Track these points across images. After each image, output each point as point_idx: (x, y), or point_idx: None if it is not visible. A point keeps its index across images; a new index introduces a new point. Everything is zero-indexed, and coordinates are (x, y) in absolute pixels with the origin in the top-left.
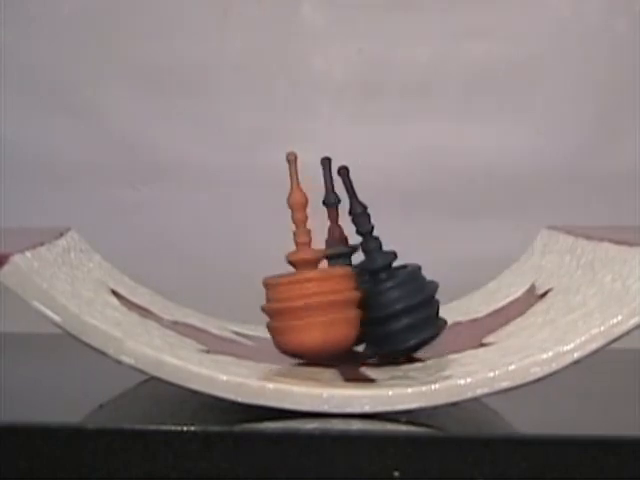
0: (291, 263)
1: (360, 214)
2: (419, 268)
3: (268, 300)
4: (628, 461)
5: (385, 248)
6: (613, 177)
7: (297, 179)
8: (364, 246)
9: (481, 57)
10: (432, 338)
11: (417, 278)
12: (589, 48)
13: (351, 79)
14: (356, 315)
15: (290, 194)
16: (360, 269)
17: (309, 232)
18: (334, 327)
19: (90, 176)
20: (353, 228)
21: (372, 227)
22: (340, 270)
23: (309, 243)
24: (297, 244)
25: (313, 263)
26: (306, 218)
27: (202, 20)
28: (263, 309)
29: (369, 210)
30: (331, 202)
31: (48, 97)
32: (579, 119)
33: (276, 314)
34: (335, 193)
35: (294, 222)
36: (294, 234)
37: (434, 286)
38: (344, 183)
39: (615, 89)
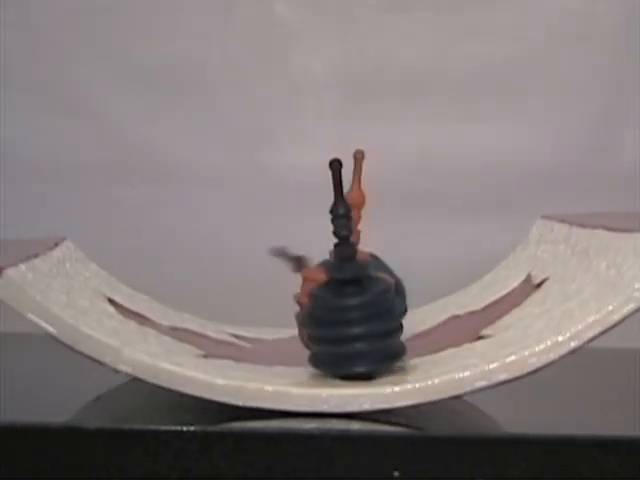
0: None
1: (342, 216)
2: (391, 287)
3: (302, 292)
4: (628, 461)
5: (386, 248)
6: (614, 177)
7: (359, 178)
8: (338, 252)
9: (481, 57)
10: (386, 367)
11: (386, 300)
12: (589, 48)
13: (351, 79)
14: None
15: (350, 192)
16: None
17: (359, 233)
18: None
19: (90, 176)
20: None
21: (351, 232)
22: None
23: (358, 243)
24: None
25: None
26: (360, 218)
27: (202, 20)
28: (294, 298)
29: (369, 210)
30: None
31: (48, 97)
32: (579, 119)
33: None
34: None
35: None
36: None
37: (401, 311)
38: (333, 178)
39: (615, 88)
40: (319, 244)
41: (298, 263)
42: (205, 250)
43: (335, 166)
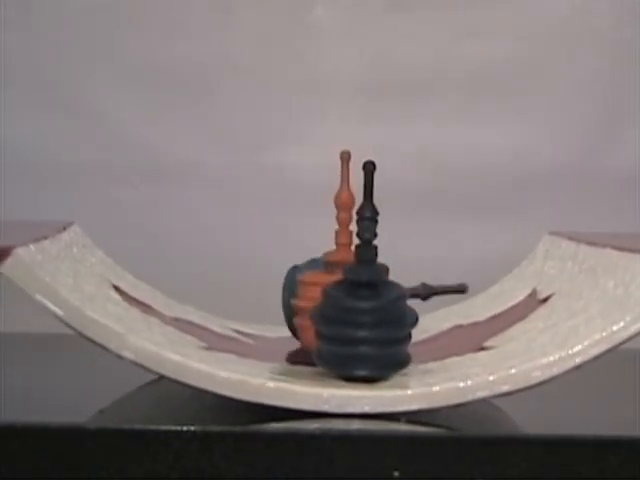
0: (329, 263)
1: (368, 219)
2: (405, 295)
3: (299, 297)
4: (628, 461)
5: (386, 248)
6: (614, 178)
7: (347, 179)
8: (359, 254)
9: (481, 57)
10: (389, 374)
11: (398, 308)
12: (589, 48)
13: (352, 80)
14: None
15: (338, 193)
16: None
17: (351, 234)
18: None
19: (90, 176)
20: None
21: (375, 236)
22: None
23: (350, 245)
24: (338, 245)
25: None
26: (351, 219)
27: (203, 20)
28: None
29: None
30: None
31: (48, 97)
32: (580, 119)
33: (301, 311)
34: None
35: (338, 222)
36: (336, 234)
37: (412, 320)
38: (366, 181)
39: (616, 89)
40: (319, 244)
41: None
42: (205, 250)
43: (368, 168)
